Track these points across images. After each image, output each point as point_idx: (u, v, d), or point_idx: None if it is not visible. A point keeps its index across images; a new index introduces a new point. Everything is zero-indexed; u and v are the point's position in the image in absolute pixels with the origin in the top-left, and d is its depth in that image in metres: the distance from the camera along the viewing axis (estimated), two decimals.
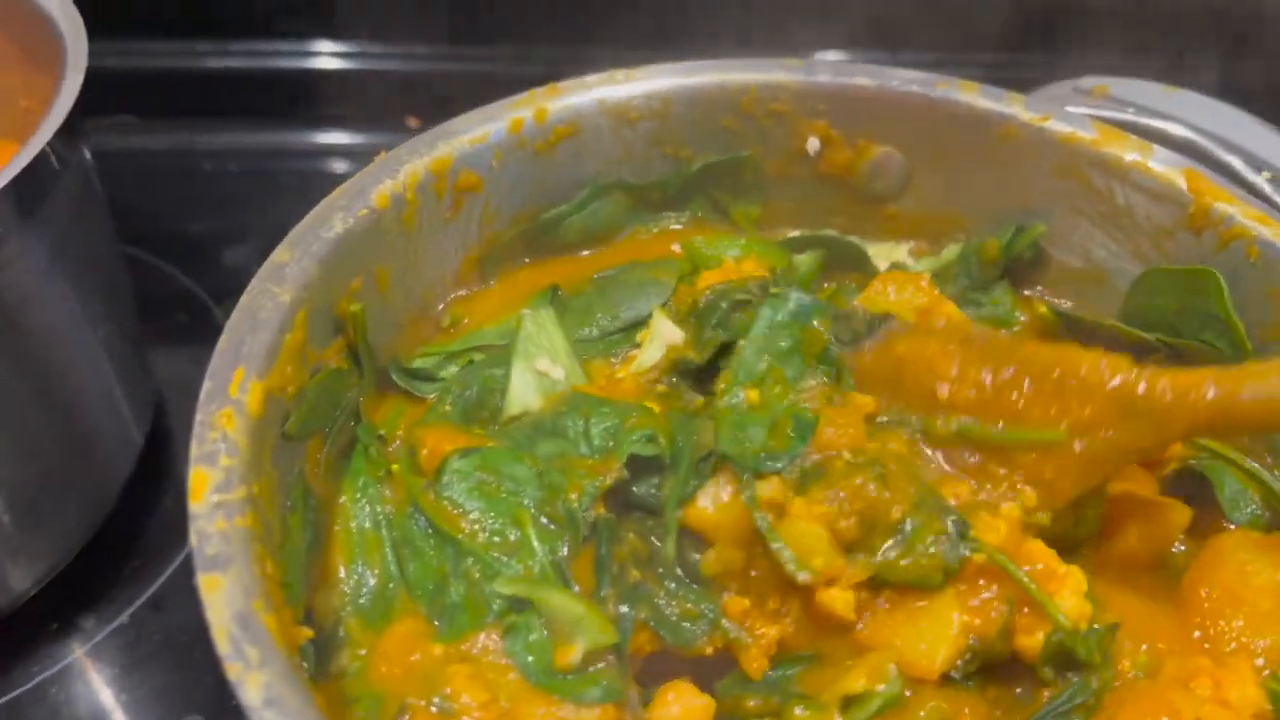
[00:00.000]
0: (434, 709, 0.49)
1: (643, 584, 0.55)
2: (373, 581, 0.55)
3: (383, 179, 0.63)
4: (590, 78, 0.71)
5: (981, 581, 0.53)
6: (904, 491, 0.55)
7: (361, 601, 0.54)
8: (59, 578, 0.81)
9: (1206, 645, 0.55)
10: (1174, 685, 0.51)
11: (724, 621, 0.55)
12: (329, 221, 0.60)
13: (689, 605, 0.55)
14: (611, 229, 0.75)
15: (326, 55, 1.28)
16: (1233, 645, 0.54)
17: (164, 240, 1.12)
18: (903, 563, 0.53)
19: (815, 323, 0.64)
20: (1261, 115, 0.77)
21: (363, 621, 0.53)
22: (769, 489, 0.57)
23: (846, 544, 0.54)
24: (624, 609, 0.54)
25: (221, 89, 1.26)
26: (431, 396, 0.64)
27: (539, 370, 0.65)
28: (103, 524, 0.84)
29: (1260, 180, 0.74)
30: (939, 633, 0.52)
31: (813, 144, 0.75)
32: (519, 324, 0.67)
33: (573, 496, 0.56)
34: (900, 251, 0.78)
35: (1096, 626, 0.53)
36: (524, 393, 0.64)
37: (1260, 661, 0.54)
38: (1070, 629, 0.52)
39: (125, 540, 0.88)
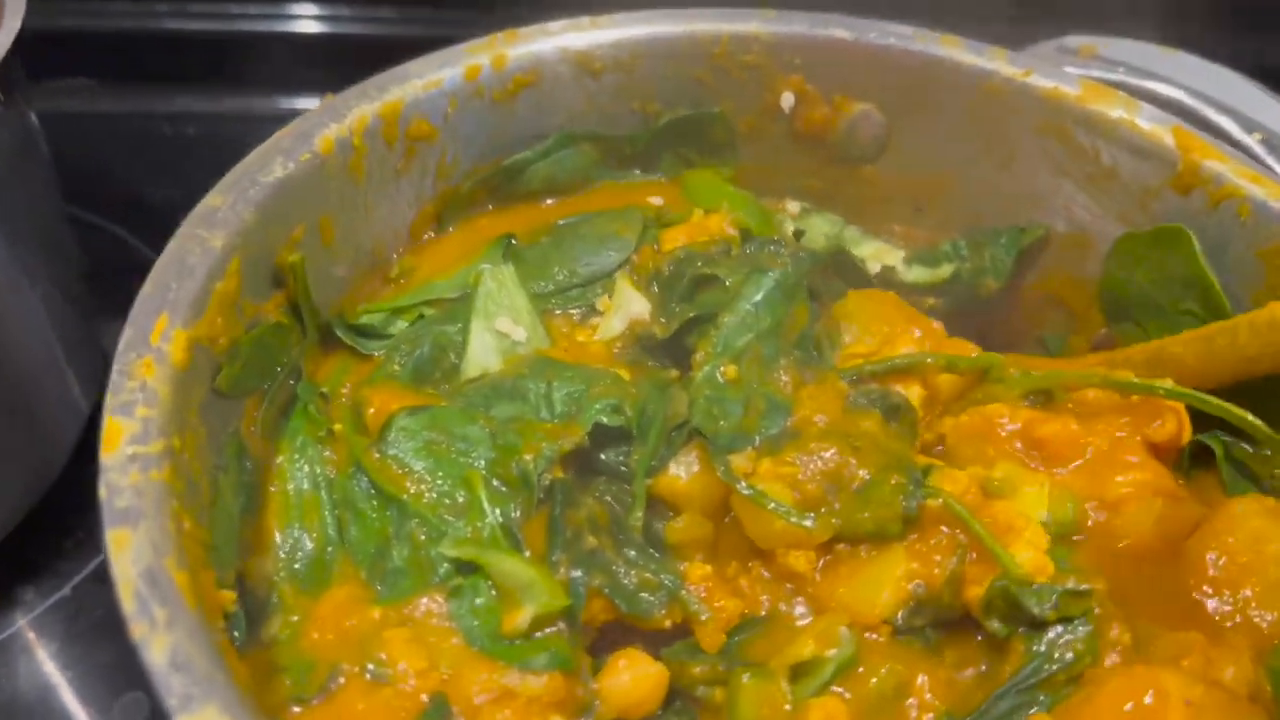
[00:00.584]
0: (368, 675, 0.46)
1: (599, 551, 0.53)
2: (309, 545, 0.52)
3: (328, 123, 0.59)
4: (553, 24, 0.67)
5: (937, 532, 0.51)
6: (871, 457, 0.54)
7: (296, 567, 0.51)
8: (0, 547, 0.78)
9: (1209, 614, 0.52)
10: (1164, 663, 0.48)
11: (684, 593, 0.53)
12: (269, 165, 0.56)
13: (648, 575, 0.53)
14: (578, 180, 0.71)
15: (293, 17, 1.24)
16: (1238, 618, 0.51)
17: (121, 206, 1.09)
18: (862, 515, 0.51)
19: (799, 302, 0.62)
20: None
21: (296, 588, 0.50)
22: (741, 460, 0.55)
23: (811, 503, 0.51)
24: (576, 574, 0.51)
25: (182, 51, 1.22)
26: (379, 354, 0.60)
27: (499, 331, 0.62)
28: (46, 493, 0.82)
29: (1252, 141, 0.71)
30: (883, 578, 0.50)
31: (787, 99, 0.72)
32: (478, 280, 0.63)
33: (528, 458, 0.54)
34: (894, 256, 0.75)
35: (1062, 585, 0.50)
36: (483, 354, 0.60)
37: (1267, 630, 0.51)
38: (1019, 575, 0.49)
39: (70, 511, 0.85)
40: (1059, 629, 0.49)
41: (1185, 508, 0.57)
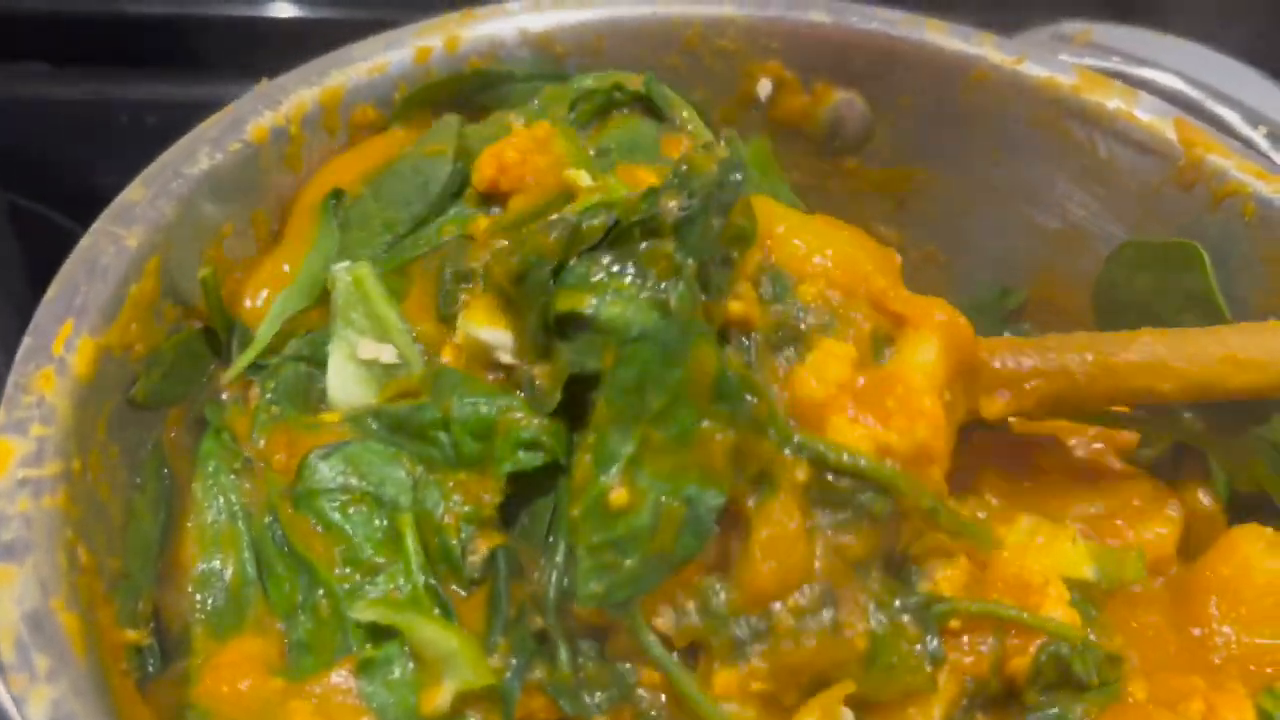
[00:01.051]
0: None
1: (546, 634, 0.44)
2: (227, 579, 0.46)
3: (261, 110, 0.55)
4: (512, 3, 0.63)
5: (965, 637, 0.46)
6: (862, 612, 0.44)
7: (210, 605, 0.45)
8: None
9: (1206, 652, 0.48)
10: (1163, 706, 0.44)
11: (640, 690, 0.44)
12: (194, 156, 0.52)
13: (599, 667, 0.44)
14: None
15: (263, 3, 1.19)
16: (1232, 648, 0.48)
17: (74, 197, 1.02)
18: (880, 686, 0.44)
19: (703, 336, 0.43)
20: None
21: (208, 629, 0.45)
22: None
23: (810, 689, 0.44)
24: (514, 662, 0.43)
25: (141, 36, 1.17)
26: (255, 393, 0.51)
27: (363, 359, 0.50)
28: None
29: (1256, 135, 0.67)
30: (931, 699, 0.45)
31: (764, 87, 0.68)
32: (331, 286, 0.52)
33: (451, 539, 0.45)
34: None
35: (1100, 649, 0.46)
36: (347, 388, 0.50)
37: (1252, 667, 0.48)
38: (1071, 636, 0.45)
39: None
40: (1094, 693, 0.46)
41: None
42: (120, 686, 0.37)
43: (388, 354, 0.50)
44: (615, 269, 0.43)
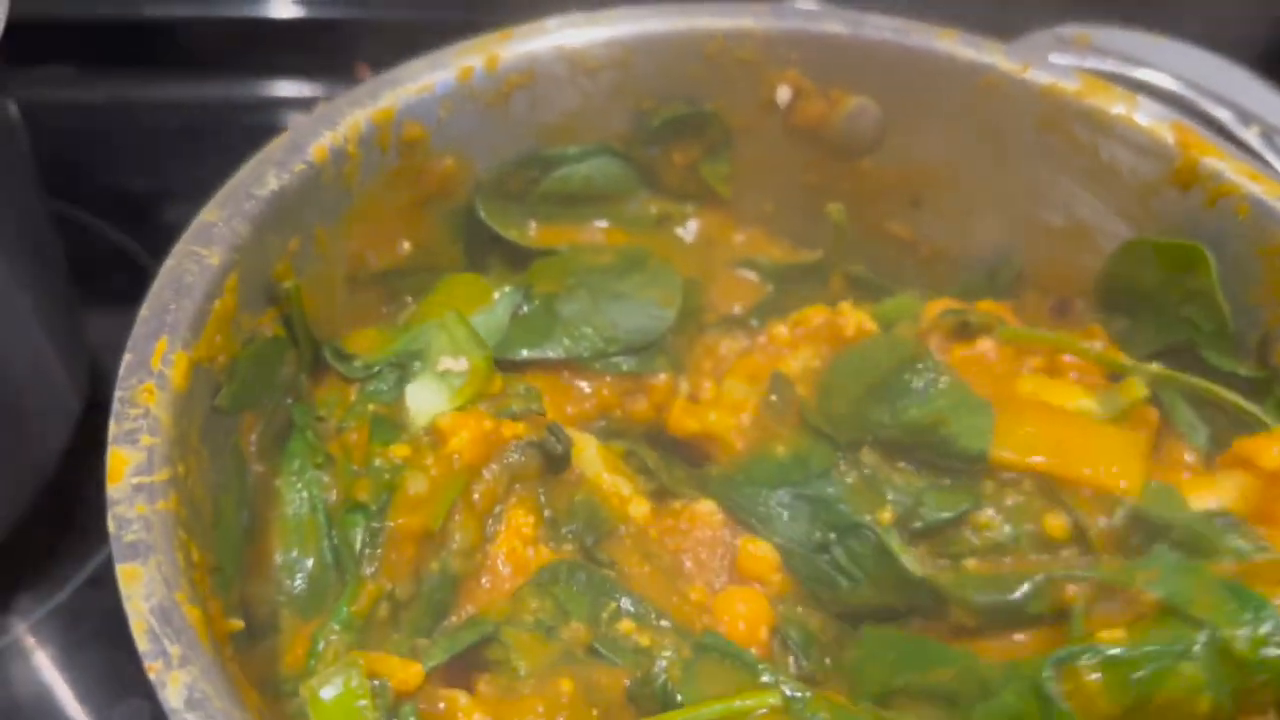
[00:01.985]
0: None
1: None
2: (309, 565, 0.51)
3: (321, 131, 0.58)
4: (549, 21, 0.66)
5: None
6: None
7: (294, 589, 0.50)
8: None
9: None
10: None
11: None
12: (263, 178, 0.55)
13: None
14: (615, 188, 0.71)
15: (273, 3, 1.22)
16: None
17: (101, 197, 1.07)
18: None
19: None
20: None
21: (294, 610, 0.50)
22: None
23: None
24: None
25: (162, 39, 1.20)
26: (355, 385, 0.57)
27: (440, 370, 0.57)
28: (40, 495, 0.81)
29: (1250, 135, 0.71)
30: None
31: (783, 94, 0.71)
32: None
33: None
34: None
35: None
36: (422, 397, 0.56)
37: None
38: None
39: (64, 512, 0.84)
40: None
41: None
42: (234, 670, 0.41)
43: (460, 366, 0.56)
44: None
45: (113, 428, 0.44)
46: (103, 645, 0.78)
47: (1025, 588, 0.52)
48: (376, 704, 0.44)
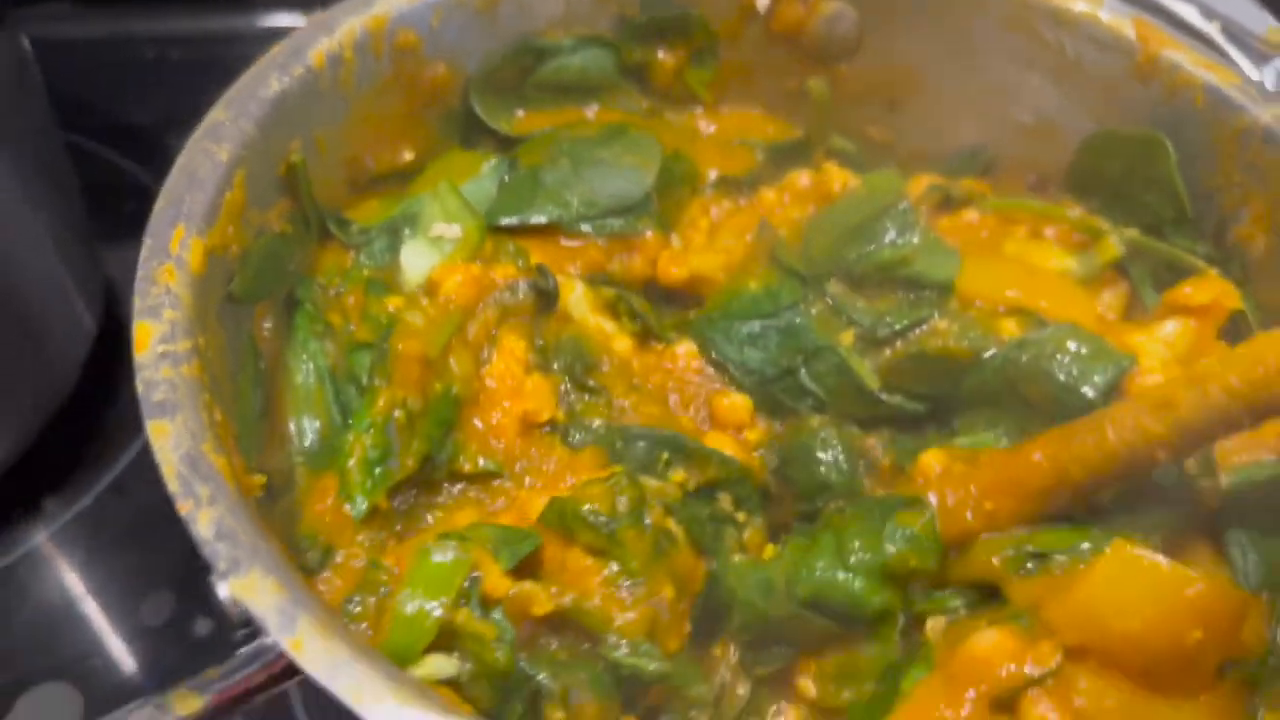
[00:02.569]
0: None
1: None
2: (319, 427, 0.55)
3: (319, 37, 0.61)
4: None
5: None
6: None
7: (308, 447, 0.55)
8: (20, 464, 0.82)
9: None
10: None
11: None
12: (265, 81, 0.58)
13: None
14: (606, 81, 0.73)
15: None
16: None
17: (108, 130, 1.10)
18: None
19: None
20: None
21: (307, 466, 0.54)
22: None
23: None
24: None
25: None
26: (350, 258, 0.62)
27: (433, 236, 0.62)
28: (60, 409, 0.85)
29: (1211, 29, 0.74)
30: None
31: (763, 1, 0.74)
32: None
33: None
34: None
35: None
36: (416, 259, 0.61)
37: None
38: None
39: (85, 426, 0.88)
40: None
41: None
42: (256, 513, 0.45)
43: (453, 232, 0.60)
44: None
45: (136, 303, 0.48)
46: (126, 548, 0.82)
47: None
48: (469, 593, 0.48)
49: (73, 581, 0.81)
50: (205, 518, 0.41)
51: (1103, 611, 0.47)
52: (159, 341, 0.47)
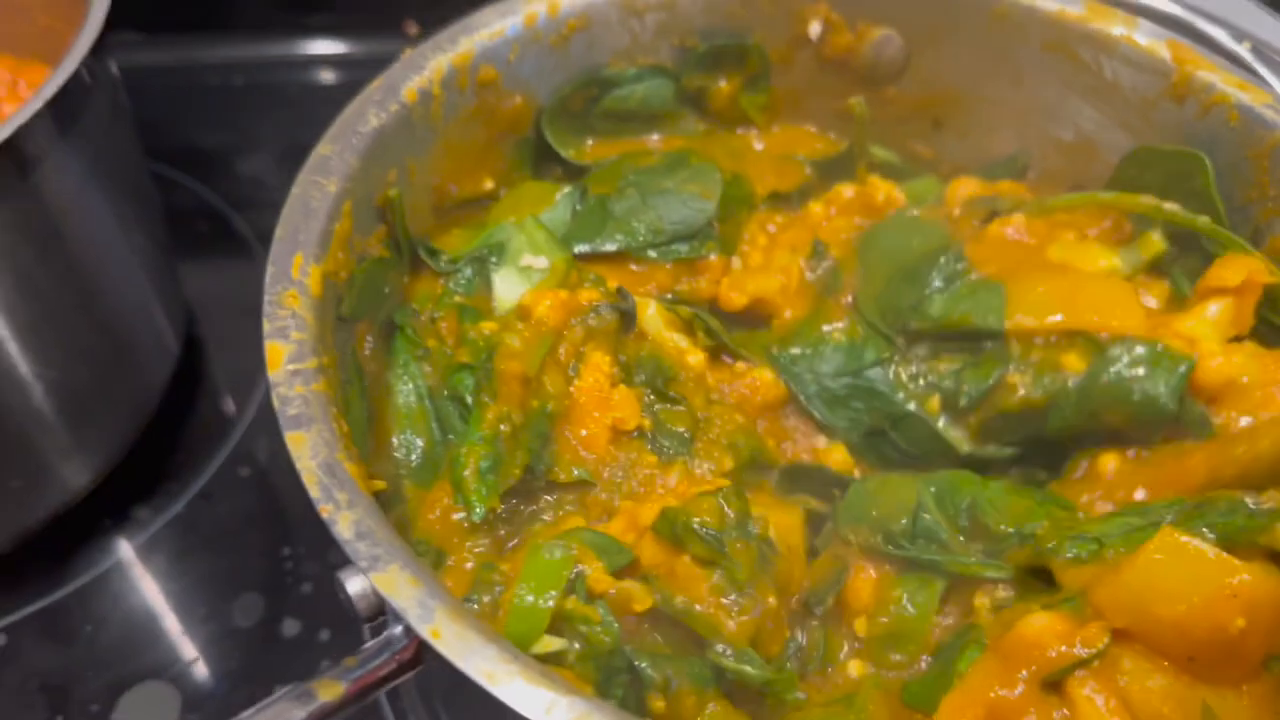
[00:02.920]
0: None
1: None
2: (421, 445, 0.60)
3: (410, 75, 0.66)
4: None
5: None
6: None
7: (412, 464, 0.59)
8: (112, 476, 0.87)
9: None
10: None
11: None
12: (364, 116, 0.63)
13: None
14: (669, 110, 0.79)
15: None
16: None
17: (178, 153, 1.15)
18: None
19: None
20: None
21: (413, 482, 0.59)
22: None
23: None
24: None
25: (222, 2, 1.27)
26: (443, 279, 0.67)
27: (522, 266, 0.67)
28: (147, 425, 0.90)
29: (1241, 49, 0.77)
30: None
31: (814, 28, 0.79)
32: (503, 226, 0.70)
33: None
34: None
35: None
36: (508, 287, 0.67)
37: None
38: None
39: (170, 442, 0.93)
40: None
41: None
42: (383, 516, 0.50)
43: (541, 263, 0.65)
44: None
45: (266, 326, 0.53)
46: (215, 552, 0.87)
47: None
48: (575, 585, 0.52)
49: (165, 586, 0.85)
50: (345, 520, 0.46)
51: (1148, 596, 0.49)
52: (289, 360, 0.51)
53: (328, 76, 1.29)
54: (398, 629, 0.48)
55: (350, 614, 0.48)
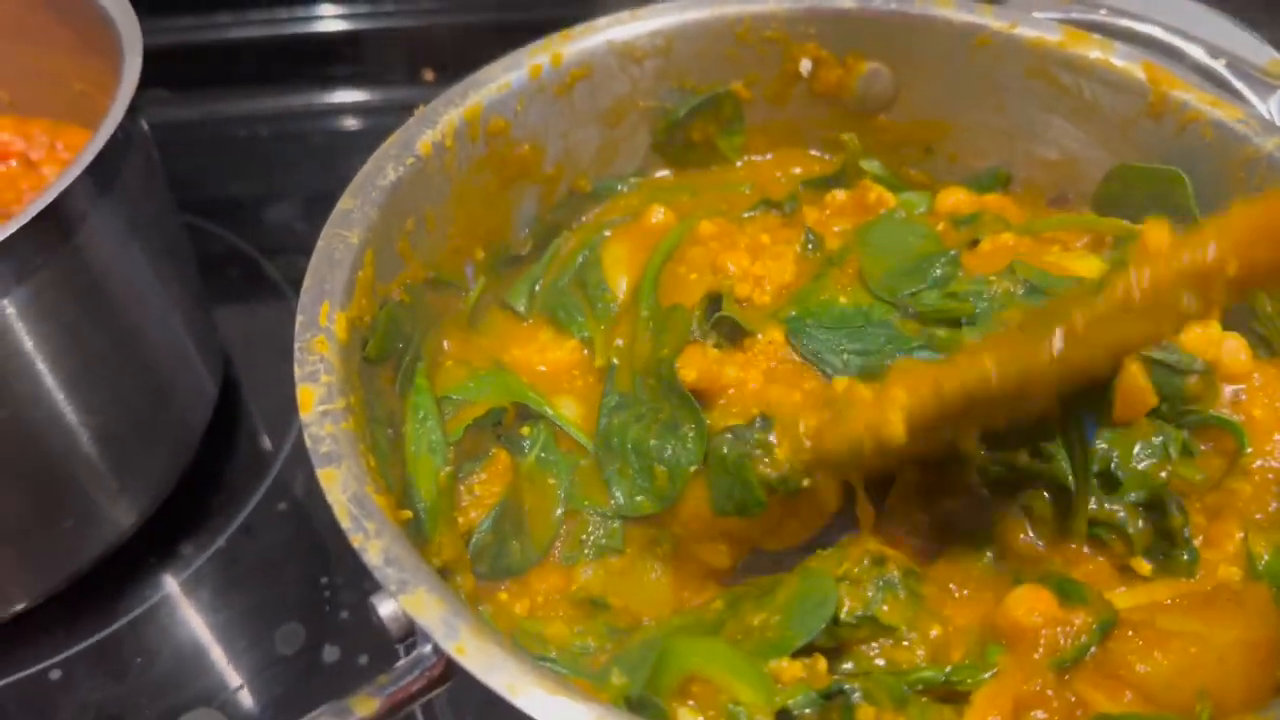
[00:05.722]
0: None
1: None
2: (425, 494, 0.63)
3: (424, 130, 0.70)
4: (599, 21, 0.78)
5: None
6: None
7: (422, 511, 0.62)
8: (156, 515, 0.91)
9: None
10: None
11: None
12: (383, 170, 0.67)
13: None
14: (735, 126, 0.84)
15: (339, 18, 1.35)
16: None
17: (209, 204, 1.21)
18: None
19: None
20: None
21: (428, 523, 0.63)
22: None
23: None
24: None
25: (246, 57, 1.33)
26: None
27: None
28: (189, 467, 0.94)
29: (1218, 65, 0.80)
30: None
31: (805, 65, 0.82)
32: None
33: None
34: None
35: None
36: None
37: None
38: None
39: (210, 481, 0.98)
40: None
41: None
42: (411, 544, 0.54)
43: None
44: None
45: (297, 371, 0.57)
46: (257, 584, 0.91)
47: None
48: None
49: (209, 618, 0.89)
50: (374, 548, 0.50)
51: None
52: (319, 403, 0.55)
53: (349, 124, 1.35)
54: (427, 647, 0.51)
55: (384, 635, 0.52)
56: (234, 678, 0.85)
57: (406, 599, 0.48)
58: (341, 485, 0.52)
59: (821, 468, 0.59)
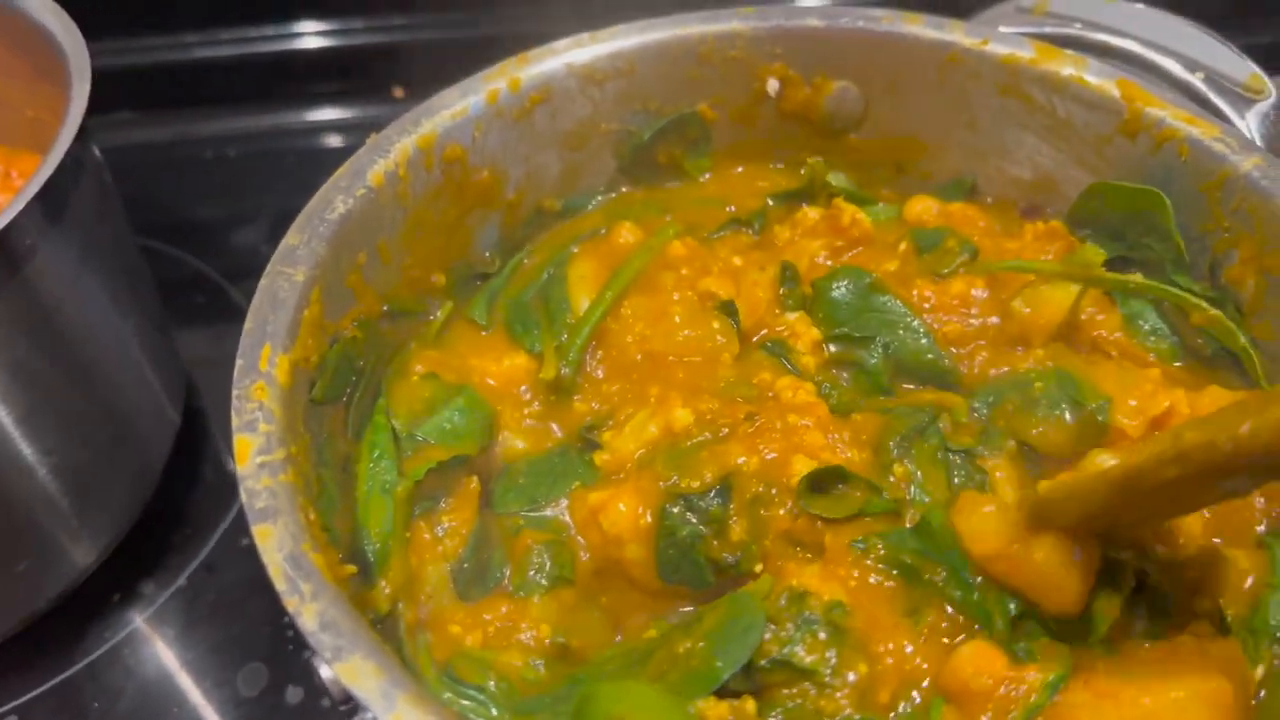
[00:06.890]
0: None
1: None
2: (377, 534, 0.61)
3: (376, 159, 0.68)
4: (558, 43, 0.76)
5: None
6: None
7: (374, 553, 0.60)
8: (117, 551, 0.89)
9: None
10: None
11: None
12: (331, 204, 0.65)
13: None
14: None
15: (310, 35, 1.32)
16: None
17: (174, 228, 1.18)
18: None
19: None
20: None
21: (379, 565, 0.60)
22: None
23: None
24: None
25: (213, 77, 1.31)
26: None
27: None
28: (151, 499, 0.91)
29: (1195, 80, 0.78)
30: None
31: (773, 85, 0.80)
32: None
33: None
34: None
35: None
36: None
37: None
38: None
39: (173, 513, 0.95)
40: None
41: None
42: (351, 602, 0.51)
43: None
44: None
45: (235, 419, 0.55)
46: (219, 623, 0.88)
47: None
48: None
49: (172, 657, 0.87)
50: (309, 611, 0.48)
51: None
52: (257, 454, 0.53)
53: (319, 144, 1.33)
54: (369, 715, 0.49)
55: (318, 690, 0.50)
56: (196, 718, 0.82)
57: (341, 666, 0.46)
58: (278, 544, 0.50)
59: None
